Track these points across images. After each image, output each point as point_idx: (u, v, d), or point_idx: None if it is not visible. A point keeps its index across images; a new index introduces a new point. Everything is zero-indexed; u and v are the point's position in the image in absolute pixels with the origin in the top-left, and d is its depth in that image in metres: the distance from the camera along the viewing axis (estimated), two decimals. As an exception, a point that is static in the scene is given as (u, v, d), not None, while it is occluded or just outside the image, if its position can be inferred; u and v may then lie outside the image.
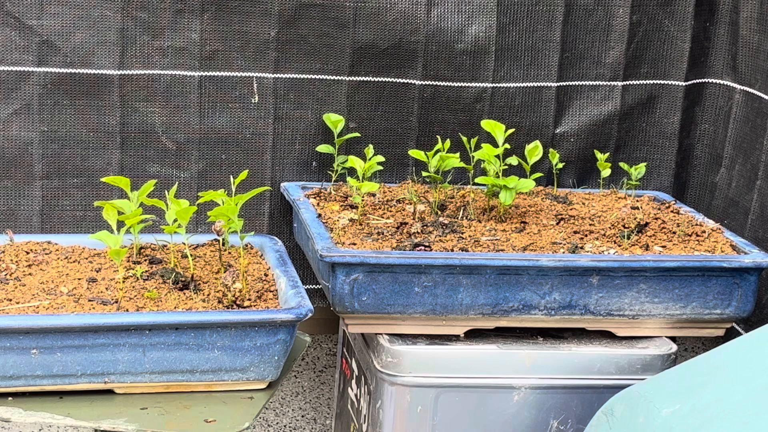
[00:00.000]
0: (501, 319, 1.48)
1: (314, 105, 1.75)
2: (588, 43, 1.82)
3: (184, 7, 1.67)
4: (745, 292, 1.50)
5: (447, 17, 1.75)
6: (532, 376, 1.47)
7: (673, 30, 1.83)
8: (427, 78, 1.77)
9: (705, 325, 1.53)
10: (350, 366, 1.66)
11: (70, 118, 1.67)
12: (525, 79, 1.80)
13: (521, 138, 1.78)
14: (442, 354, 1.47)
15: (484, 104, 1.79)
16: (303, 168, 1.77)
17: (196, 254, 1.55)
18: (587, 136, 1.85)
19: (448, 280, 1.43)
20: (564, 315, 1.48)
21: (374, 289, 1.42)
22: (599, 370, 1.49)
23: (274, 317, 1.35)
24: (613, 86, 1.84)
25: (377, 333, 1.48)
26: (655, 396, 1.21)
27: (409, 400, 1.47)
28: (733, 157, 1.79)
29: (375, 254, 1.42)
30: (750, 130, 1.74)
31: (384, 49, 1.74)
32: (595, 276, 1.46)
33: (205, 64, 1.70)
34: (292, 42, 1.72)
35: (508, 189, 1.57)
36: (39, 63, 1.64)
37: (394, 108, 1.78)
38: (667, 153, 1.88)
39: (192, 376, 1.36)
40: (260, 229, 1.77)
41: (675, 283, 1.48)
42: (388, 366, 1.46)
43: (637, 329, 1.52)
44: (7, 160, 1.66)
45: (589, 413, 1.35)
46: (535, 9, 1.78)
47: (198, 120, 1.71)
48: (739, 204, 1.75)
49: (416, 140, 1.80)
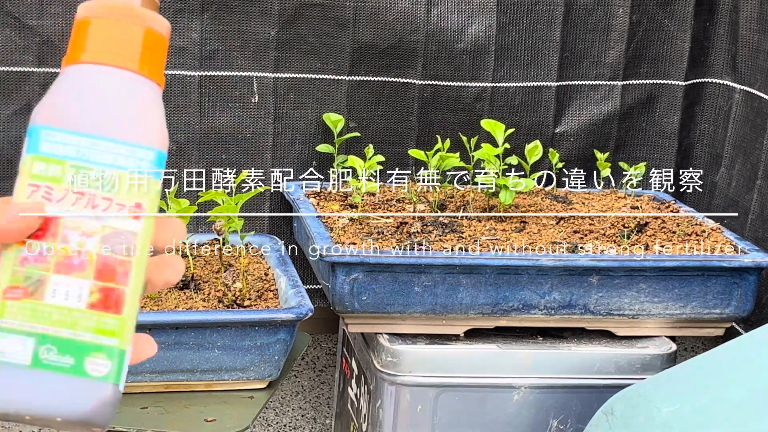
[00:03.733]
0: (501, 318, 1.48)
1: (314, 104, 1.75)
2: (588, 42, 1.82)
3: (184, 7, 1.67)
4: (744, 292, 1.50)
5: (447, 17, 1.75)
6: (532, 376, 1.47)
7: (673, 30, 1.83)
8: (427, 78, 1.77)
9: (705, 325, 1.53)
10: (350, 365, 1.66)
11: (70, 117, 1.67)
12: (525, 79, 1.80)
13: (521, 138, 1.78)
14: (442, 354, 1.47)
15: (484, 104, 1.79)
16: (303, 168, 1.77)
17: (196, 254, 1.56)
18: (587, 135, 1.85)
19: (448, 280, 1.43)
20: (564, 314, 1.48)
21: (374, 289, 1.43)
22: (599, 369, 1.49)
23: (274, 317, 1.35)
24: (613, 86, 1.84)
25: (377, 333, 1.48)
26: (655, 395, 1.21)
27: (409, 400, 1.47)
28: (732, 156, 1.79)
29: (375, 254, 1.42)
30: (750, 130, 1.74)
31: (384, 49, 1.74)
32: (594, 275, 1.46)
33: (205, 64, 1.70)
34: (292, 41, 1.72)
35: (508, 188, 1.57)
36: (39, 63, 1.64)
37: (394, 107, 1.78)
38: (667, 152, 1.88)
39: (192, 376, 1.36)
40: (260, 229, 1.77)
41: (675, 282, 1.48)
42: (388, 365, 1.46)
43: (636, 329, 1.52)
44: (7, 160, 1.66)
45: (589, 413, 1.35)
46: (534, 9, 1.78)
47: (198, 120, 1.72)
48: (739, 204, 1.75)
49: (416, 140, 1.80)
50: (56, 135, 0.59)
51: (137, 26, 0.61)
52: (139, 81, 0.61)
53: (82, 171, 0.58)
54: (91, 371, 0.56)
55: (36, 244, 0.57)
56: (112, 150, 0.59)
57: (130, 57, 0.60)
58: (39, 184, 0.58)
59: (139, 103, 0.61)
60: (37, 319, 0.57)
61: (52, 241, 0.57)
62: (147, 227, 0.59)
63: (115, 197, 0.59)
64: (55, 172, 0.58)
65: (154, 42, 0.61)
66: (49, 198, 0.58)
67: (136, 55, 0.61)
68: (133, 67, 0.60)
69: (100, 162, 0.59)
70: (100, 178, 0.58)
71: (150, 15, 0.61)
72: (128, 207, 0.59)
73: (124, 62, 0.60)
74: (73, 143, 0.59)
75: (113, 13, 0.61)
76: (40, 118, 0.59)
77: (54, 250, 0.58)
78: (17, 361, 0.56)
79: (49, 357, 0.56)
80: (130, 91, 0.60)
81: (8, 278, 0.57)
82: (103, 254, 0.58)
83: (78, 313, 0.57)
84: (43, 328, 0.56)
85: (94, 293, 0.57)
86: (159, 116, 0.61)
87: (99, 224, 0.58)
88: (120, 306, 0.58)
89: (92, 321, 0.57)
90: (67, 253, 0.57)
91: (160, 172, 0.61)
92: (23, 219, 0.57)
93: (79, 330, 0.57)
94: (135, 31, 0.61)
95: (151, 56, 0.61)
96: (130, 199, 0.59)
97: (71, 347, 0.56)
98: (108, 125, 0.59)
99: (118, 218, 0.58)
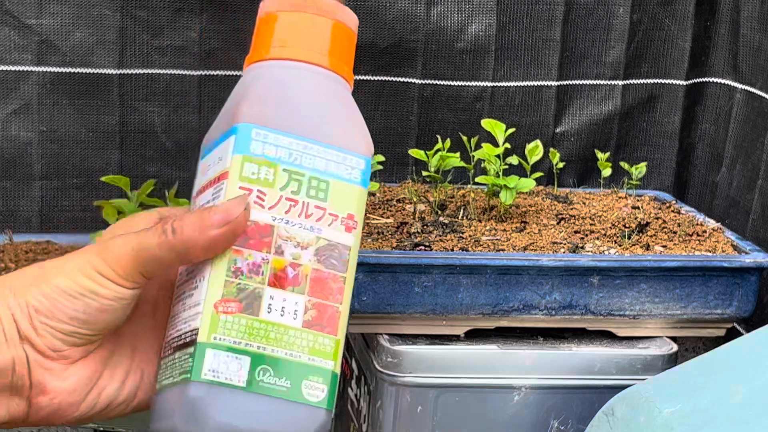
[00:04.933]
0: (501, 319, 1.47)
1: (314, 104, 1.75)
2: (588, 42, 1.81)
3: (184, 6, 1.66)
4: (746, 292, 1.49)
5: (447, 16, 1.74)
6: (533, 376, 1.47)
7: (674, 29, 1.83)
8: (427, 77, 1.77)
9: (706, 325, 1.53)
10: (350, 366, 1.66)
11: (69, 117, 1.66)
12: (525, 78, 1.80)
13: (521, 137, 1.78)
14: (442, 354, 1.46)
15: (484, 103, 1.79)
16: (303, 167, 1.77)
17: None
18: (588, 135, 1.85)
19: (449, 280, 1.43)
20: (564, 315, 1.47)
21: (374, 289, 1.42)
22: (600, 370, 1.48)
23: (273, 317, 1.34)
24: (614, 85, 1.84)
25: (377, 333, 1.48)
26: (656, 396, 1.21)
27: (409, 400, 1.46)
28: (734, 156, 1.78)
29: (375, 254, 1.42)
30: (751, 130, 1.73)
31: (383, 48, 1.74)
32: (595, 276, 1.46)
33: (205, 63, 1.69)
34: (292, 41, 1.71)
35: (509, 188, 1.57)
36: (38, 62, 1.64)
37: (394, 107, 1.78)
38: (668, 152, 1.88)
39: (191, 377, 1.35)
40: (260, 228, 1.76)
41: (676, 282, 1.48)
42: (388, 366, 1.46)
43: (637, 329, 1.51)
44: (6, 160, 1.66)
45: (590, 413, 1.34)
46: (535, 8, 1.77)
47: (198, 119, 1.71)
48: (740, 204, 1.74)
49: (416, 139, 1.80)
50: (268, 135, 0.55)
51: (327, 20, 0.57)
52: (340, 83, 0.57)
53: (296, 176, 0.54)
54: (308, 396, 0.53)
55: (251, 253, 0.53)
56: (325, 155, 0.55)
57: (336, 56, 0.57)
58: (251, 188, 0.54)
59: (349, 108, 0.57)
60: (252, 336, 0.53)
61: (267, 252, 0.53)
62: (357, 240, 0.55)
63: (329, 207, 0.54)
64: (267, 174, 0.55)
65: (344, 37, 0.58)
66: (262, 203, 0.54)
67: (341, 55, 0.57)
68: (337, 68, 0.57)
69: (313, 168, 0.55)
70: (315, 185, 0.54)
71: (337, 7, 0.58)
72: (341, 218, 0.55)
73: (324, 60, 0.57)
74: (285, 146, 0.55)
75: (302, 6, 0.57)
76: (248, 116, 0.56)
77: (270, 261, 0.53)
78: (233, 382, 0.52)
79: (265, 379, 0.53)
80: (337, 94, 0.57)
81: (221, 290, 0.53)
82: (319, 268, 0.54)
83: (294, 331, 0.53)
84: (259, 346, 0.52)
85: (310, 310, 0.53)
86: (359, 119, 0.57)
87: (313, 235, 0.54)
88: (335, 325, 0.54)
89: (309, 341, 0.53)
90: (282, 265, 0.53)
91: (368, 182, 0.57)
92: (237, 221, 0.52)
93: (296, 350, 0.53)
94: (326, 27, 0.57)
95: (343, 54, 0.58)
96: (343, 210, 0.55)
97: (288, 369, 0.53)
98: (322, 129, 0.55)
99: (333, 230, 0.54)
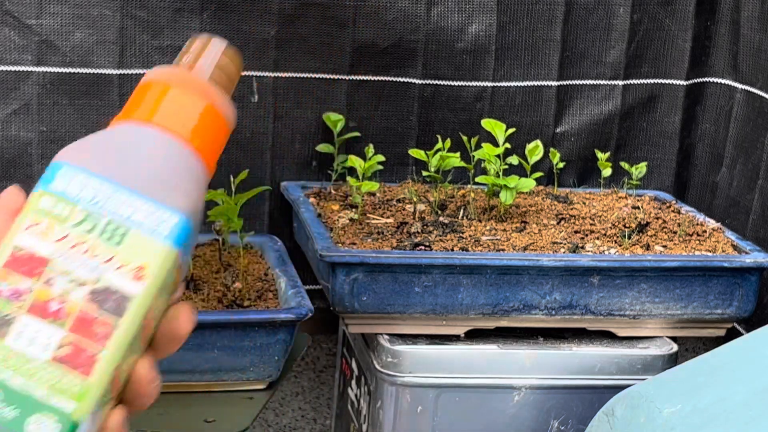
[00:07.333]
0: (501, 319, 1.47)
1: (314, 104, 1.75)
2: (588, 42, 1.81)
3: (184, 6, 1.66)
4: (746, 292, 1.49)
5: (447, 16, 1.74)
6: (533, 376, 1.47)
7: (674, 29, 1.83)
8: (428, 77, 1.77)
9: (706, 325, 1.53)
10: (350, 366, 1.66)
11: (69, 117, 1.66)
12: (525, 78, 1.80)
13: (522, 137, 1.78)
14: (442, 354, 1.46)
15: (485, 103, 1.79)
16: (303, 167, 1.77)
17: (196, 254, 1.55)
18: (588, 135, 1.85)
19: (449, 280, 1.43)
20: (564, 315, 1.47)
21: (374, 289, 1.42)
22: (600, 370, 1.48)
23: (274, 317, 1.34)
24: (614, 85, 1.84)
25: (377, 333, 1.48)
26: (656, 396, 1.21)
27: (409, 400, 1.46)
28: (734, 156, 1.78)
29: (375, 254, 1.42)
30: (751, 130, 1.73)
31: (384, 48, 1.74)
32: (595, 276, 1.46)
33: (205, 64, 1.69)
34: (292, 41, 1.71)
35: (509, 188, 1.57)
36: (38, 62, 1.64)
37: (394, 107, 1.78)
38: (668, 152, 1.88)
39: (191, 376, 1.35)
40: (260, 229, 1.76)
41: (676, 282, 1.48)
42: (388, 366, 1.46)
43: (637, 329, 1.51)
44: (6, 161, 1.66)
45: (590, 413, 1.34)
46: (535, 8, 1.77)
47: (197, 119, 1.71)
48: (740, 204, 1.74)
49: (416, 139, 1.79)
50: (77, 175, 0.54)
51: (199, 99, 0.57)
52: (184, 151, 0.56)
53: (93, 217, 0.53)
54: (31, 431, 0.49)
55: (17, 279, 0.52)
56: (133, 203, 0.53)
57: (182, 125, 0.56)
58: (41, 220, 0.53)
59: (177, 168, 0.55)
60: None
61: (36, 281, 0.52)
62: (149, 294, 0.53)
63: (121, 253, 0.53)
64: (63, 210, 0.53)
65: (212, 120, 0.57)
66: (47, 235, 0.53)
67: (188, 125, 0.56)
68: (181, 135, 0.56)
69: (115, 212, 0.53)
70: (111, 229, 0.53)
71: (216, 93, 0.57)
72: (131, 267, 0.53)
73: (173, 127, 0.56)
74: (92, 186, 0.53)
75: (175, 80, 0.57)
76: (64, 155, 0.54)
77: (34, 290, 0.52)
78: None
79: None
80: (171, 155, 0.55)
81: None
82: (88, 309, 0.52)
83: (38, 362, 0.50)
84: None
85: (65, 346, 0.51)
86: (195, 188, 0.55)
87: (94, 276, 0.52)
88: (90, 368, 0.51)
89: (53, 376, 0.50)
90: (46, 296, 0.52)
91: (184, 244, 0.54)
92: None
93: (33, 382, 0.50)
94: (195, 103, 0.56)
95: (204, 133, 0.56)
96: (136, 259, 0.53)
97: (17, 399, 0.50)
98: (139, 179, 0.54)
99: (119, 276, 0.52)
